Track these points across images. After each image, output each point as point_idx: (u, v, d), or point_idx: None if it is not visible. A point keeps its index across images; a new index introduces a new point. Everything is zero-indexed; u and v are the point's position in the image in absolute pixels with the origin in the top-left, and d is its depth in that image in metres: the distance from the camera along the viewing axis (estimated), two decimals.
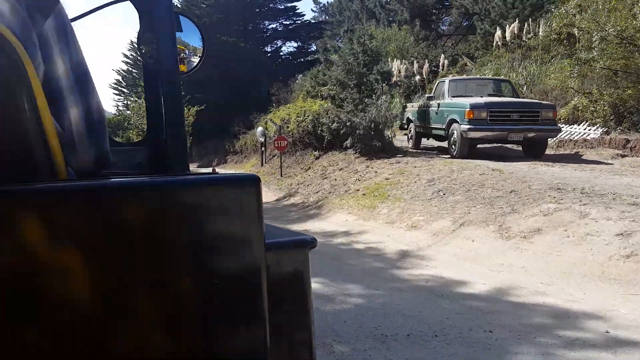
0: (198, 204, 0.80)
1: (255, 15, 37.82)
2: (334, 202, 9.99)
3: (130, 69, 43.29)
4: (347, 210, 9.15)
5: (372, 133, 13.21)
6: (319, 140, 16.24)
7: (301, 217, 9.86)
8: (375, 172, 11.01)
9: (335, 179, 11.93)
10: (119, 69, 44.23)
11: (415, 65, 21.20)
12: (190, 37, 1.80)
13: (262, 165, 23.88)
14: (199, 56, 1.85)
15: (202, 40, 1.84)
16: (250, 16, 37.59)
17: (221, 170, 27.23)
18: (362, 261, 5.96)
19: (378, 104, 12.87)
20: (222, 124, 35.69)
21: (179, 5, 36.67)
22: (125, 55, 43.47)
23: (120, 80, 43.71)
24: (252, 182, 0.86)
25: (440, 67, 21.31)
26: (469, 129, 11.37)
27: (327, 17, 43.79)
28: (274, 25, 38.67)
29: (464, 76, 14.55)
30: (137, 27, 1.57)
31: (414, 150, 14.22)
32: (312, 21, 39.92)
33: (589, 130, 13.41)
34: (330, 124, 14.62)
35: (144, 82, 1.70)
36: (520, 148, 12.72)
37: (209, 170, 25.99)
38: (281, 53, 39.88)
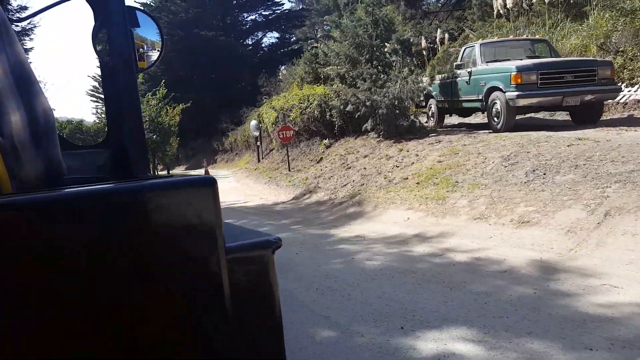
0: (150, 211, 0.76)
1: (234, 7, 35.39)
2: (378, 196, 7.86)
3: None
4: (403, 204, 7.02)
5: (397, 112, 11.10)
6: (329, 127, 14.07)
7: (339, 218, 7.72)
8: (416, 155, 8.90)
9: (365, 168, 9.78)
10: (95, 75, 41.47)
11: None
12: (148, 31, 1.63)
13: (259, 161, 21.64)
14: (158, 50, 1.67)
15: (159, 33, 1.67)
16: (228, 8, 35.15)
17: (213, 171, 24.93)
18: (495, 286, 3.81)
19: (402, 77, 10.76)
20: (208, 122, 33.26)
21: (152, 4, 34.09)
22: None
23: (97, 86, 41.00)
24: (208, 184, 0.81)
25: (439, 42, 19.25)
26: (518, 96, 9.28)
27: (304, 7, 41.47)
28: (253, 17, 36.32)
29: (496, 39, 12.38)
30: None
31: (442, 129, 12.15)
32: (292, 10, 37.54)
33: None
34: (342, 107, 12.45)
35: (102, 81, 1.53)
36: (552, 116, 10.75)
37: (202, 172, 23.75)
38: (262, 45, 37.54)
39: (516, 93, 9.28)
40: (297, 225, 7.69)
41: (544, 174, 5.75)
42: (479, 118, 13.40)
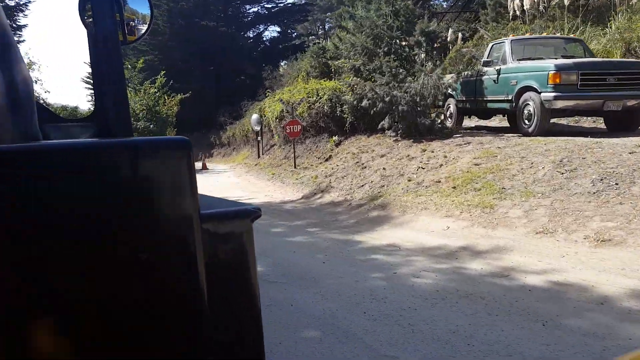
0: (121, 168, 0.72)
1: None
2: (405, 200, 7.00)
3: None
4: (438, 211, 6.15)
5: (418, 109, 10.25)
6: (339, 123, 13.19)
7: (361, 222, 6.85)
8: (444, 156, 8.05)
9: (384, 168, 8.91)
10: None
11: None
12: (138, 3, 1.58)
13: (259, 156, 20.72)
14: (147, 23, 1.63)
15: (149, 6, 1.61)
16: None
17: (210, 165, 23.98)
18: (601, 324, 2.95)
19: (425, 71, 9.90)
20: (205, 115, 32.25)
21: None
22: None
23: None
24: (182, 146, 0.76)
25: (449, 42, 18.45)
26: (555, 97, 8.44)
27: (307, 2, 40.58)
28: (255, 9, 35.32)
29: (528, 35, 11.56)
30: None
31: (463, 131, 11.31)
32: (296, 3, 36.60)
33: None
34: (356, 102, 11.58)
35: (89, 53, 1.41)
36: (577, 122, 9.95)
37: (199, 164, 22.81)
38: (263, 38, 36.59)
39: (553, 94, 8.45)
40: (314, 228, 6.82)
41: (616, 184, 4.91)
42: (495, 122, 12.60)
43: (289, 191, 10.97)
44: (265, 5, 35.26)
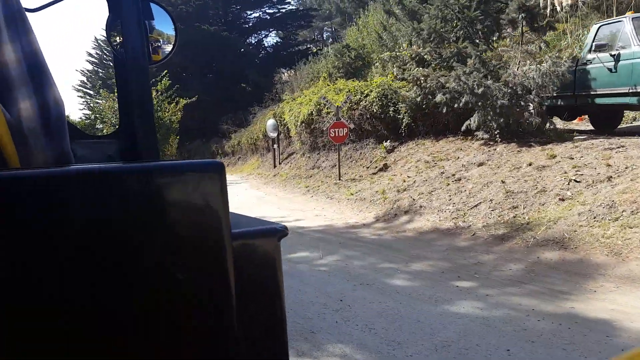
0: (155, 192, 0.70)
1: (237, 3, 31.66)
2: (598, 233, 4.30)
3: (97, 68, 36.34)
4: None
5: (522, 104, 7.63)
6: (391, 125, 10.55)
7: (539, 272, 4.06)
8: (607, 165, 5.43)
9: (503, 181, 6.23)
10: (83, 69, 37.37)
11: None
12: (163, 24, 1.55)
13: (275, 166, 17.97)
14: (172, 43, 1.59)
15: (174, 27, 1.57)
16: (231, 3, 31.44)
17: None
18: None
19: (539, 55, 7.30)
20: (206, 123, 29.36)
21: None
22: (90, 55, 36.68)
23: (85, 81, 36.77)
24: (216, 169, 0.74)
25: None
26: None
27: (310, 8, 38.07)
28: (256, 14, 32.60)
29: None
30: (104, 19, 1.44)
31: (569, 131, 8.70)
32: (299, 9, 33.99)
33: None
34: (420, 98, 8.95)
35: (115, 73, 1.47)
36: None
37: None
38: (265, 44, 33.90)
39: None
40: (463, 283, 4.08)
41: None
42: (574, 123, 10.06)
43: (347, 210, 8.23)
44: (267, 11, 32.54)
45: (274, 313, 0.85)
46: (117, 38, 1.43)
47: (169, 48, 1.57)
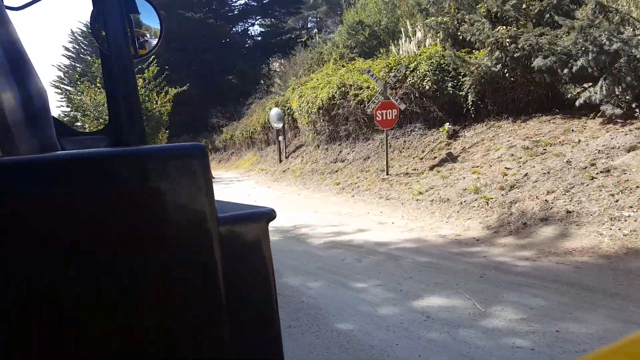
0: (138, 176, 0.66)
1: None
2: None
3: (74, 63, 33.04)
4: None
5: None
6: (448, 105, 8.21)
7: None
8: None
9: None
10: (59, 65, 34.07)
11: None
12: (147, 18, 1.43)
13: (280, 161, 15.47)
14: (157, 37, 1.49)
15: (159, 20, 1.45)
16: None
17: (215, 172, 18.55)
18: None
19: None
20: (192, 117, 26.59)
21: None
22: (67, 49, 33.41)
23: (62, 77, 33.41)
24: (198, 152, 0.69)
25: None
26: None
27: None
28: (243, 1, 29.87)
29: None
30: (84, 13, 1.31)
31: None
32: None
33: None
34: (499, 67, 6.64)
35: (102, 69, 1.40)
36: None
37: None
38: (252, 33, 31.22)
39: None
40: None
41: None
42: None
43: (424, 216, 5.86)
44: None
45: (264, 297, 0.80)
46: (102, 32, 1.23)
47: (154, 41, 1.45)
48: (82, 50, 32.51)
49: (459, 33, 8.30)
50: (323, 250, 4.96)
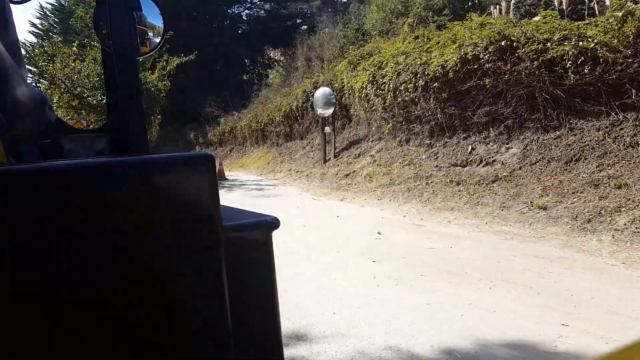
0: (145, 185, 0.60)
1: None
2: None
3: (41, 41, 26.52)
4: None
5: None
6: None
7: None
8: None
9: None
10: (23, 41, 27.34)
11: None
12: (150, 14, 1.29)
13: (326, 161, 10.53)
14: (160, 35, 1.33)
15: (162, 17, 1.30)
16: None
17: (230, 174, 13.32)
18: None
19: None
20: (182, 106, 21.13)
21: None
22: (33, 24, 27.07)
23: (27, 54, 26.72)
24: (205, 162, 0.63)
25: None
26: None
27: None
28: None
29: None
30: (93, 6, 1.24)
31: None
32: None
33: None
34: None
35: (103, 66, 1.28)
36: None
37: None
38: (248, 18, 25.97)
39: None
40: None
41: None
42: None
43: None
44: None
45: (267, 306, 0.75)
46: (104, 30, 1.16)
47: (156, 39, 1.31)
48: (52, 27, 26.33)
49: None
50: None
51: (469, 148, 6.30)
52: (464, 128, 6.55)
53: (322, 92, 9.99)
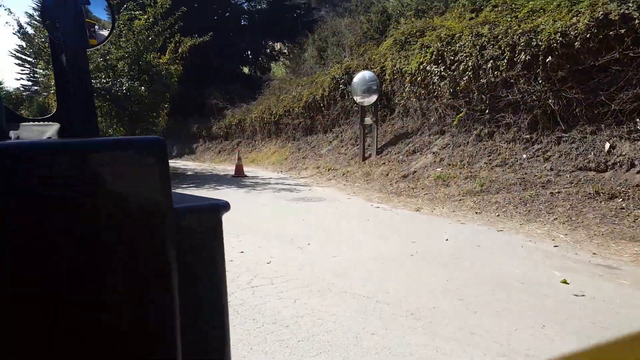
0: (92, 169, 0.55)
1: None
2: None
3: (40, 34, 23.89)
4: None
5: None
6: None
7: None
8: None
9: None
10: (21, 32, 24.91)
11: None
12: (98, 8, 1.24)
13: (365, 158, 8.63)
14: (108, 29, 1.27)
15: (110, 11, 1.24)
16: None
17: (227, 167, 11.30)
18: None
19: None
20: (179, 98, 18.96)
21: None
22: (31, 15, 24.60)
23: (24, 46, 24.45)
24: (156, 145, 0.58)
25: None
26: None
27: None
28: None
29: None
30: None
31: None
32: None
33: None
34: None
35: (52, 55, 1.11)
36: None
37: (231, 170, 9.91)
38: (251, 9, 23.89)
39: None
40: None
41: None
42: None
43: None
44: None
45: (214, 290, 0.69)
46: (47, 21, 1.10)
47: (104, 33, 1.24)
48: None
49: None
50: None
51: (606, 146, 4.43)
52: (591, 118, 4.68)
53: (361, 76, 8.04)
